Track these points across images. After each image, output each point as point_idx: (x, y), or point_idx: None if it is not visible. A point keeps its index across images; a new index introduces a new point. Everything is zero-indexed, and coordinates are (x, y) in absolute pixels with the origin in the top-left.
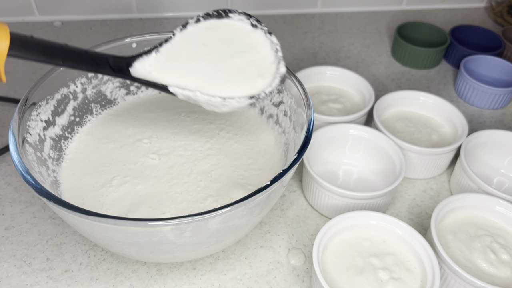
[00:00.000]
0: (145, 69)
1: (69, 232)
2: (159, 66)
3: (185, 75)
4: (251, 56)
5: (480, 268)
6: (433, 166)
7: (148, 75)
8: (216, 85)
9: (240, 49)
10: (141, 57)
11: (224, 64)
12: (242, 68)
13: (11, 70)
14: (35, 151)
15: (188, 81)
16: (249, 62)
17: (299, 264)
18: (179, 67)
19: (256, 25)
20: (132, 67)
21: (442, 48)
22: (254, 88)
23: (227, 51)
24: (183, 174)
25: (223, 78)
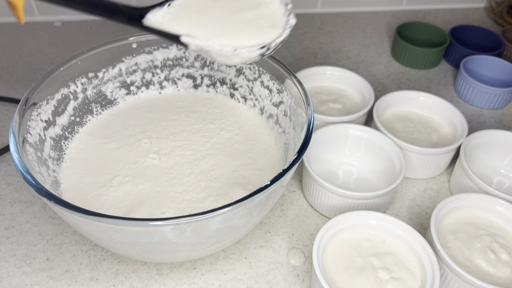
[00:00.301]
0: (156, 20)
1: (69, 232)
2: (171, 17)
3: (196, 26)
4: (261, 10)
5: (480, 268)
6: (433, 166)
7: (160, 26)
8: (227, 35)
9: (250, 4)
10: (154, 8)
11: (234, 17)
12: (253, 20)
13: (12, 70)
14: (36, 151)
15: (199, 31)
16: (260, 15)
17: (299, 264)
18: (191, 19)
19: None
20: (145, 18)
21: (442, 48)
22: (265, 38)
23: (237, 6)
24: (183, 174)
25: (234, 29)
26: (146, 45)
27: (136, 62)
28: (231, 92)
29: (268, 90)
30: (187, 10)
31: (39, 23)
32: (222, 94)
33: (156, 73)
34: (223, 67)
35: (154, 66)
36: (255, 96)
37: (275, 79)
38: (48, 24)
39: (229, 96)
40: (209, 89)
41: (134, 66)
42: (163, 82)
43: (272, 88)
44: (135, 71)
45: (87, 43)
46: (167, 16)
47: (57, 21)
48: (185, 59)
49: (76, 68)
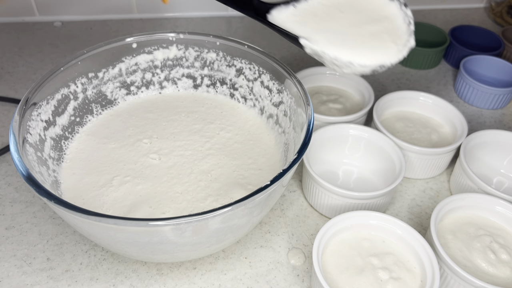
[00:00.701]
0: (280, 18)
1: (69, 232)
2: (295, 19)
3: (318, 32)
4: (386, 25)
5: (480, 268)
6: (432, 166)
7: (282, 24)
8: (347, 46)
9: (375, 18)
10: (279, 6)
11: (358, 29)
12: (377, 33)
13: (12, 70)
14: (36, 151)
15: (320, 37)
16: (384, 29)
17: (299, 263)
18: (314, 24)
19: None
20: (270, 13)
21: (441, 48)
22: (385, 53)
23: (361, 18)
24: (183, 174)
25: (356, 41)
26: (146, 45)
27: (136, 62)
28: (231, 92)
29: (268, 90)
30: (312, 15)
31: (39, 23)
32: (222, 94)
33: (156, 73)
34: (223, 67)
35: (154, 66)
36: (255, 96)
37: (275, 79)
38: (48, 24)
39: (229, 96)
40: (209, 89)
41: (134, 66)
42: (163, 82)
43: (272, 88)
44: (135, 71)
45: (87, 43)
46: (291, 18)
47: (57, 21)
48: (185, 59)
49: (76, 68)
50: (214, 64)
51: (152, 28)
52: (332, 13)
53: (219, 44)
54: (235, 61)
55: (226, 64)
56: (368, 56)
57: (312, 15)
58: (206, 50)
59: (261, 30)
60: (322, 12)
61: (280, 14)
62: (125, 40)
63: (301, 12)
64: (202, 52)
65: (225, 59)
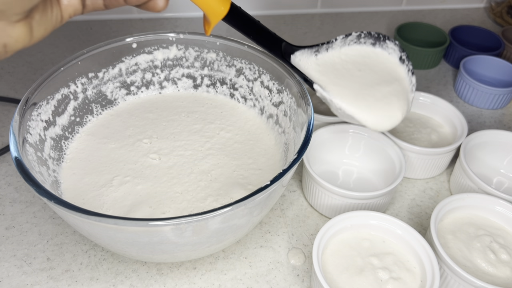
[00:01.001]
0: (301, 61)
1: (69, 232)
2: (315, 68)
3: (332, 84)
4: (395, 87)
5: (480, 268)
6: (432, 166)
7: (302, 67)
8: (357, 106)
9: (387, 79)
10: (304, 49)
11: (371, 89)
12: (386, 96)
13: (12, 70)
14: (36, 151)
15: (332, 88)
16: (393, 91)
17: (299, 263)
18: (331, 77)
19: (404, 60)
20: (294, 55)
21: (441, 48)
22: (389, 120)
23: (376, 79)
24: (183, 174)
25: (366, 102)
26: (146, 45)
27: (136, 62)
28: (231, 92)
29: (268, 90)
30: (331, 68)
31: None
32: (222, 94)
33: (156, 73)
34: (223, 67)
35: (154, 66)
36: (255, 96)
37: (275, 79)
38: None
39: (229, 96)
40: (209, 89)
41: (134, 66)
42: (163, 82)
43: (272, 88)
44: (135, 71)
45: (87, 43)
46: (313, 65)
47: None
48: (185, 59)
49: (76, 68)
50: (214, 64)
51: (152, 28)
52: (350, 70)
53: (219, 44)
54: (235, 61)
55: (226, 64)
56: (369, 119)
57: (331, 67)
58: (206, 50)
59: None
60: (341, 67)
61: (303, 58)
62: (125, 40)
63: (322, 62)
64: (202, 52)
65: (225, 59)
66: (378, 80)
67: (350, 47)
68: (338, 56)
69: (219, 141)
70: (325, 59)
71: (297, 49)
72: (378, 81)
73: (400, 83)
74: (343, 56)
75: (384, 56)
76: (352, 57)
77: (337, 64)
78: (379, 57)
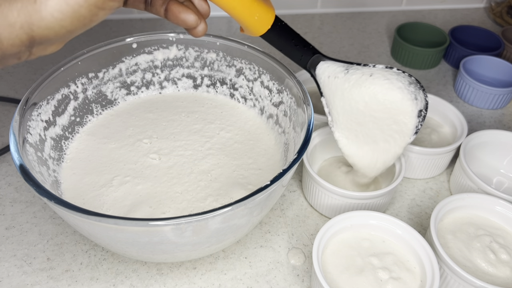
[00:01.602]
0: (323, 74)
1: (69, 232)
2: (331, 88)
3: (342, 114)
4: (394, 131)
5: (480, 267)
6: (432, 166)
7: (320, 80)
8: (357, 144)
9: (392, 121)
10: (330, 61)
11: (377, 132)
12: (386, 138)
13: (12, 70)
14: (36, 151)
15: (341, 118)
16: (397, 130)
17: (299, 263)
18: (343, 106)
19: (421, 115)
20: (317, 67)
21: (441, 48)
22: (378, 156)
23: (384, 124)
24: (183, 174)
25: (365, 142)
26: (146, 45)
27: (136, 62)
28: (231, 92)
29: (268, 90)
30: (348, 105)
31: None
32: (222, 94)
33: (156, 73)
34: (223, 67)
35: (154, 66)
36: (255, 96)
37: (275, 79)
38: None
39: (229, 96)
40: (209, 89)
41: (134, 66)
42: (163, 82)
43: (272, 88)
44: (135, 71)
45: (87, 43)
46: (331, 79)
47: None
48: (185, 59)
49: (77, 68)
50: (214, 64)
51: (152, 28)
52: (366, 112)
53: (219, 44)
54: (235, 61)
55: (226, 64)
56: (352, 152)
57: (349, 105)
58: (206, 50)
59: None
60: (360, 107)
61: (323, 68)
62: (125, 40)
63: (341, 87)
64: (202, 52)
65: (225, 59)
66: (385, 127)
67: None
68: (358, 97)
69: (219, 141)
70: (346, 81)
71: (323, 59)
72: (384, 128)
73: (406, 124)
74: (367, 98)
75: (401, 104)
76: (371, 100)
77: (355, 104)
78: (395, 105)
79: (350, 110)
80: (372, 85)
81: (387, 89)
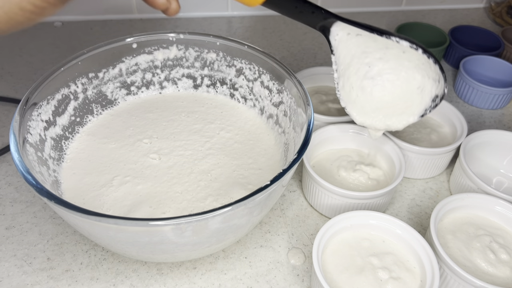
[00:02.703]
0: (342, 30)
1: (69, 232)
2: (345, 41)
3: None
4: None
5: (480, 267)
6: (432, 166)
7: (334, 38)
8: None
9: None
10: (343, 22)
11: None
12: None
13: (12, 70)
14: (36, 151)
15: (343, 68)
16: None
17: (299, 263)
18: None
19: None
20: (335, 24)
21: (441, 48)
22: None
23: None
24: (183, 174)
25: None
26: (146, 45)
27: (136, 62)
28: (231, 92)
29: (268, 90)
30: (361, 50)
31: (40, 23)
32: (222, 94)
33: (156, 73)
34: (223, 67)
35: (154, 66)
36: (255, 96)
37: (275, 79)
38: (48, 24)
39: (229, 96)
40: (209, 89)
41: (134, 66)
42: (163, 82)
43: (272, 88)
44: (135, 71)
45: (87, 43)
46: (344, 41)
47: (57, 21)
48: (185, 59)
49: (77, 68)
50: (214, 64)
51: (152, 28)
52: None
53: (219, 44)
54: (235, 61)
55: (226, 64)
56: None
57: (363, 49)
58: (206, 50)
59: (261, 30)
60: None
61: (337, 29)
62: (125, 40)
63: (358, 42)
64: (202, 52)
65: (225, 59)
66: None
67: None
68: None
69: (219, 141)
70: (363, 39)
71: (338, 19)
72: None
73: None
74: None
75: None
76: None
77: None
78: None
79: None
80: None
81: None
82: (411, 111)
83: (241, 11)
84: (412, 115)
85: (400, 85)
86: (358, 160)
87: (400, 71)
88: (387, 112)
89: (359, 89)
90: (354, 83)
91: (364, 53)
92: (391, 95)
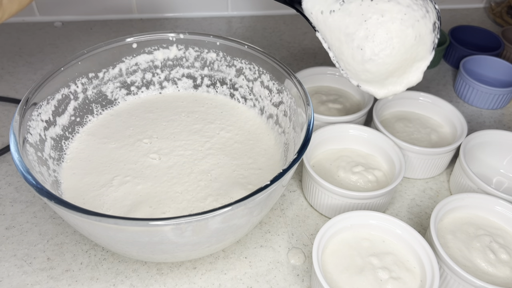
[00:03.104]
0: (314, 8)
1: (69, 232)
2: (327, 25)
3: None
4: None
5: (479, 267)
6: (432, 166)
7: (310, 16)
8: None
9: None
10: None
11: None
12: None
13: (12, 70)
14: (36, 151)
15: (334, 42)
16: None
17: (299, 263)
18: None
19: (435, 28)
20: (303, 1)
21: (441, 48)
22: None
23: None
24: (183, 174)
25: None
26: (146, 45)
27: (136, 62)
28: (231, 92)
29: (268, 90)
30: (343, 20)
31: (40, 23)
32: (222, 94)
33: (156, 73)
34: (223, 67)
35: (154, 66)
36: (255, 96)
37: (275, 79)
38: (48, 24)
39: (229, 96)
40: (209, 89)
41: (134, 66)
42: (163, 82)
43: (272, 88)
44: (135, 71)
45: (87, 43)
46: (324, 11)
47: (57, 21)
48: (185, 59)
49: (77, 68)
50: (214, 64)
51: (152, 28)
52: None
53: (219, 44)
54: (235, 61)
55: (226, 64)
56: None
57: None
58: (206, 50)
59: (261, 30)
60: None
61: (314, 3)
62: (125, 40)
63: (338, 15)
64: (202, 52)
65: (225, 59)
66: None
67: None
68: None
69: (219, 141)
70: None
71: None
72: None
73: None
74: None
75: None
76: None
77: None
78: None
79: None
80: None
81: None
82: (420, 56)
83: (241, 11)
84: (422, 59)
85: (398, 49)
86: (358, 160)
87: (391, 39)
88: (399, 72)
89: (365, 71)
90: (357, 68)
91: (348, 36)
92: (394, 62)
